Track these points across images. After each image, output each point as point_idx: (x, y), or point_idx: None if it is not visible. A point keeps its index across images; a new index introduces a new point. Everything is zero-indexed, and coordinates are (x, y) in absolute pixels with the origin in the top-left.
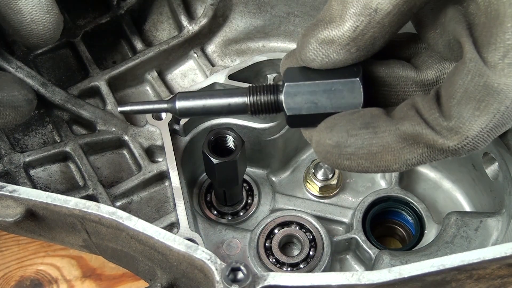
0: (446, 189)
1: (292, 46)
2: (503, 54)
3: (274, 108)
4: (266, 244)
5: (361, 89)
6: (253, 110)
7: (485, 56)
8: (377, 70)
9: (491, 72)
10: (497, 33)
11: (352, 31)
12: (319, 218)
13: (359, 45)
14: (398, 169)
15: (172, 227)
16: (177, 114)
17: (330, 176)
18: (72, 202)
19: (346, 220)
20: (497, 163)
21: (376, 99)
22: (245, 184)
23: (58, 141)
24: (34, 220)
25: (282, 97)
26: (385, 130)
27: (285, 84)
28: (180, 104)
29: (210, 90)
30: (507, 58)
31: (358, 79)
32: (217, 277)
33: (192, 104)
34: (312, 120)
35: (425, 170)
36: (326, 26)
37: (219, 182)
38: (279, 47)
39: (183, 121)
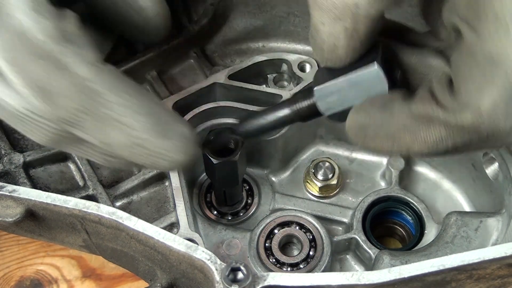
0: (446, 189)
1: (292, 46)
2: (495, 24)
3: (316, 111)
4: (266, 244)
5: (383, 76)
6: (300, 117)
7: (479, 30)
8: (408, 57)
9: (488, 44)
10: (484, 4)
11: None
12: (319, 218)
13: None
14: (421, 151)
15: (172, 227)
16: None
17: (330, 176)
18: (72, 202)
19: (346, 220)
20: (497, 163)
21: (407, 83)
22: (245, 184)
23: None
24: (34, 220)
25: (315, 100)
26: (400, 111)
27: (314, 88)
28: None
29: (260, 111)
30: (500, 27)
31: (376, 67)
32: (217, 277)
33: (250, 127)
34: (348, 112)
35: (425, 170)
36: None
37: (219, 182)
38: (279, 47)
39: None
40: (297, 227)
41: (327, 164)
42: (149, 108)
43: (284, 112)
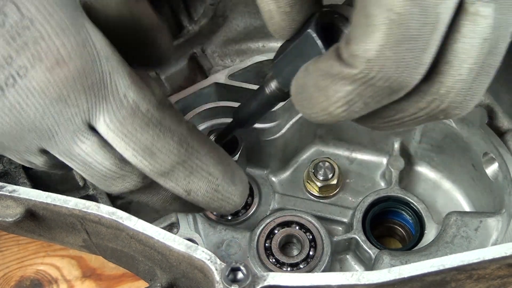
0: (446, 189)
1: None
2: None
3: (283, 90)
4: (266, 244)
5: (316, 40)
6: (276, 98)
7: None
8: None
9: None
10: None
11: None
12: (319, 218)
13: None
14: (339, 113)
15: (172, 227)
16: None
17: (330, 176)
18: (72, 202)
19: (346, 220)
20: (497, 163)
21: None
22: None
23: None
24: (34, 220)
25: (275, 78)
26: (313, 69)
27: (271, 66)
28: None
29: (248, 100)
30: None
31: (309, 31)
32: (217, 277)
33: (242, 116)
34: None
35: (425, 170)
36: None
37: None
38: (279, 47)
39: None
40: (297, 227)
41: (327, 164)
42: (222, 157)
43: (262, 96)
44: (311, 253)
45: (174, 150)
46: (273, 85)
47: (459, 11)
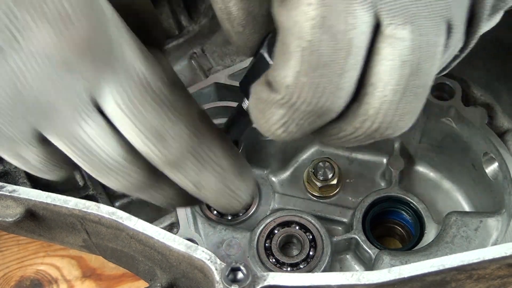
0: (446, 189)
1: None
2: None
3: None
4: (266, 244)
5: (268, 59)
6: None
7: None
8: None
9: (281, 10)
10: None
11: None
12: (319, 218)
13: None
14: (279, 134)
15: (172, 227)
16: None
17: (330, 176)
18: (72, 202)
19: (346, 220)
20: (497, 163)
21: None
22: None
23: None
24: (34, 220)
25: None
26: (253, 92)
27: (239, 83)
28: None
29: (233, 113)
30: None
31: (261, 51)
32: (217, 277)
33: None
34: None
35: (425, 170)
36: None
37: None
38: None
39: None
40: (297, 227)
41: (327, 164)
42: (231, 149)
43: (242, 111)
44: (311, 253)
45: (185, 136)
46: (246, 101)
47: (377, 33)
